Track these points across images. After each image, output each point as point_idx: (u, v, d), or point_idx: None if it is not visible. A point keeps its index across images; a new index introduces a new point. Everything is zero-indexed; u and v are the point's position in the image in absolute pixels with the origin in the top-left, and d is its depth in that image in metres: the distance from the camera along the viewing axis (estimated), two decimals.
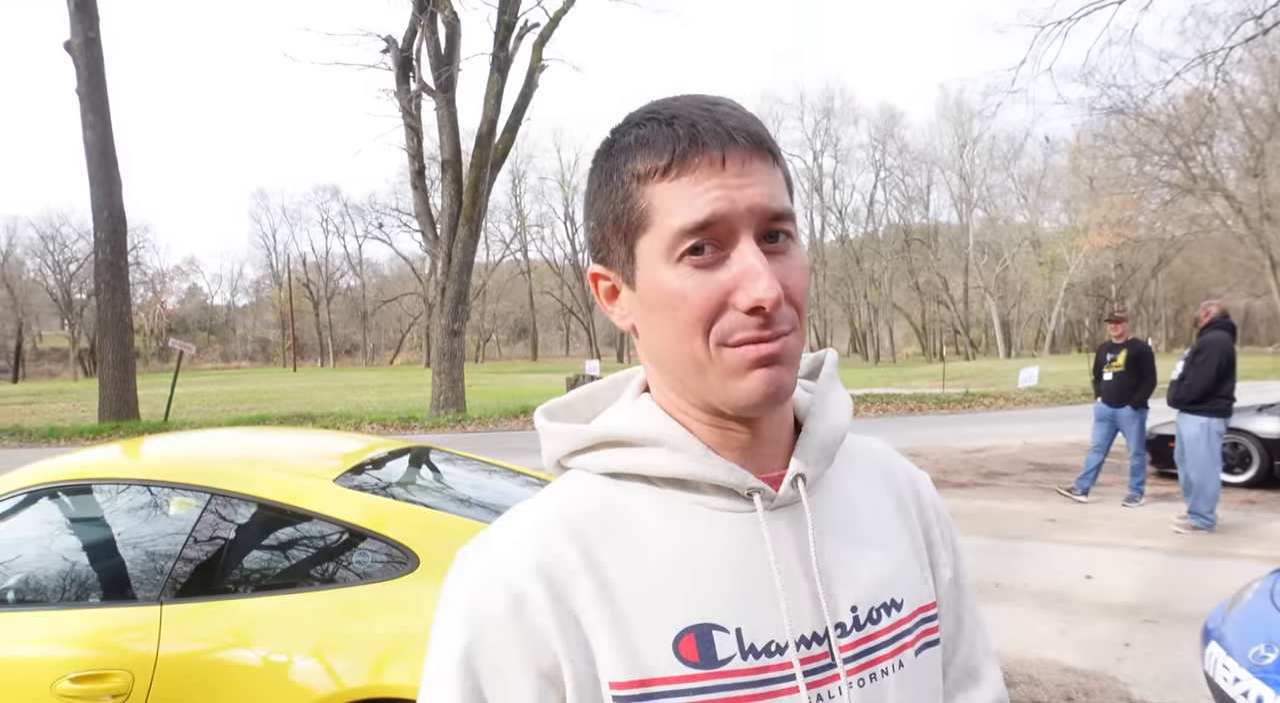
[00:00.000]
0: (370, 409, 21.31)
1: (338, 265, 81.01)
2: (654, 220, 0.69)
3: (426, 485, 3.77)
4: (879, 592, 0.78)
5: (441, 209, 19.25)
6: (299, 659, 2.43)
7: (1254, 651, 2.82)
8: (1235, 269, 46.66)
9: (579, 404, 0.86)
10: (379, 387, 33.98)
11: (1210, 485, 7.02)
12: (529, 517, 0.75)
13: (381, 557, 2.68)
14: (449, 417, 17.97)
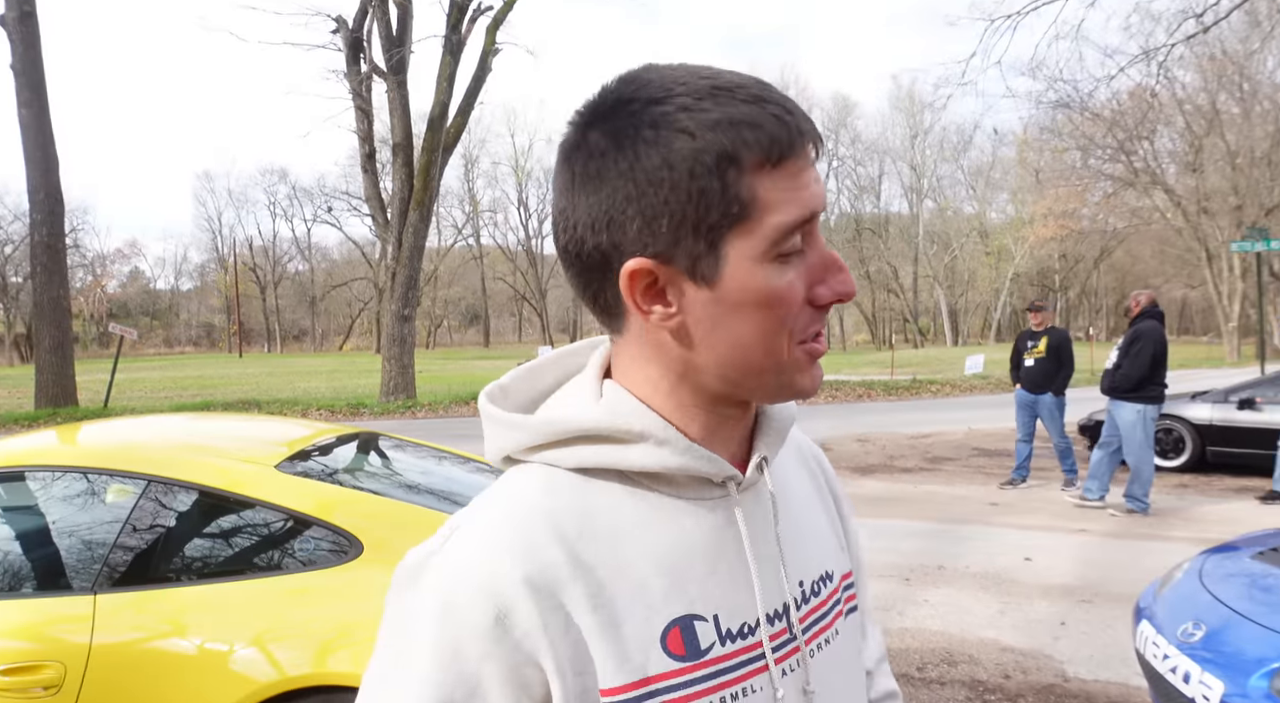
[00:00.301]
0: (318, 395, 21.02)
1: (285, 249, 79.63)
2: (754, 215, 0.63)
3: (374, 472, 3.73)
4: (817, 565, 0.81)
5: (392, 193, 19.01)
6: (239, 648, 2.40)
7: (1182, 629, 2.91)
8: (1173, 261, 47.94)
9: (516, 386, 0.79)
10: (328, 373, 33.51)
11: (1146, 470, 7.24)
12: (507, 516, 0.68)
13: (325, 544, 2.65)
14: (399, 403, 17.80)
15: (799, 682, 0.74)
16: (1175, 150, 39.89)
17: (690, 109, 0.62)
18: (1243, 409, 8.92)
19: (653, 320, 0.67)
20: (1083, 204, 46.61)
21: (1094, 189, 43.49)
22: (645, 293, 0.66)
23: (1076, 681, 3.91)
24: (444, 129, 18.43)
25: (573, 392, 0.76)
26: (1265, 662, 2.56)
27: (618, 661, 0.65)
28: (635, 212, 0.64)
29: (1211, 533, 6.27)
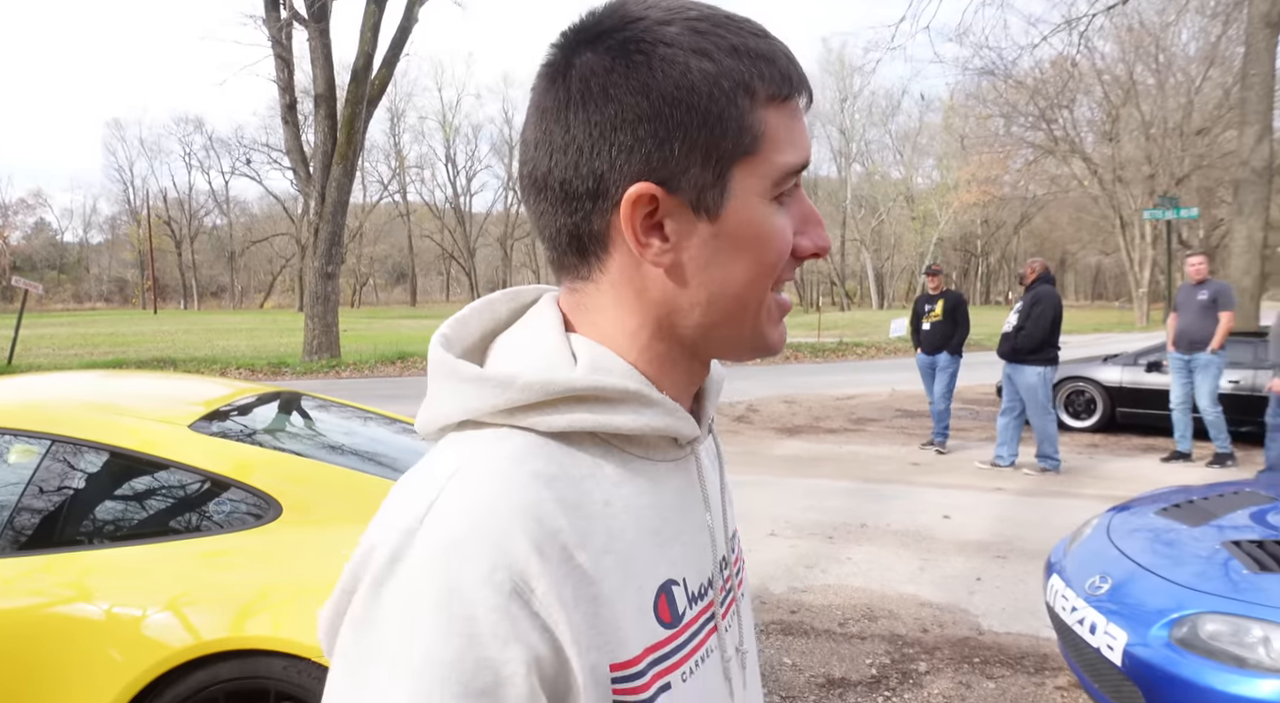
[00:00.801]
0: (238, 354, 20.44)
1: (202, 203, 76.90)
2: (762, 149, 0.62)
3: (296, 433, 3.64)
4: (732, 523, 0.82)
5: (314, 146, 18.44)
6: (152, 613, 2.32)
7: (1090, 582, 3.03)
8: (1089, 228, 49.52)
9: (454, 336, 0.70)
10: (248, 331, 32.62)
11: (1050, 429, 7.56)
12: (502, 485, 0.59)
13: (243, 506, 2.58)
14: (322, 362, 17.43)
15: (734, 639, 0.75)
16: (1093, 119, 41.04)
17: (704, 33, 0.61)
18: (1150, 372, 9.29)
19: (649, 255, 0.63)
20: (1005, 171, 47.75)
21: (1016, 156, 44.56)
22: (646, 223, 0.62)
23: (990, 633, 4.05)
24: (369, 81, 17.88)
25: (533, 351, 0.67)
26: (1165, 613, 2.68)
27: (625, 633, 0.60)
28: (647, 132, 0.60)
29: (1120, 491, 6.54)
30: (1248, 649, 2.45)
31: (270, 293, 78.54)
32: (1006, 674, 3.62)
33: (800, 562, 5.09)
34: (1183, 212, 14.61)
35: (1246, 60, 14.36)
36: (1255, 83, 13.96)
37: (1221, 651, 2.49)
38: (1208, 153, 35.18)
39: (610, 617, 0.60)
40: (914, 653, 3.83)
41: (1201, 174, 36.22)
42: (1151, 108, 37.09)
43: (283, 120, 19.70)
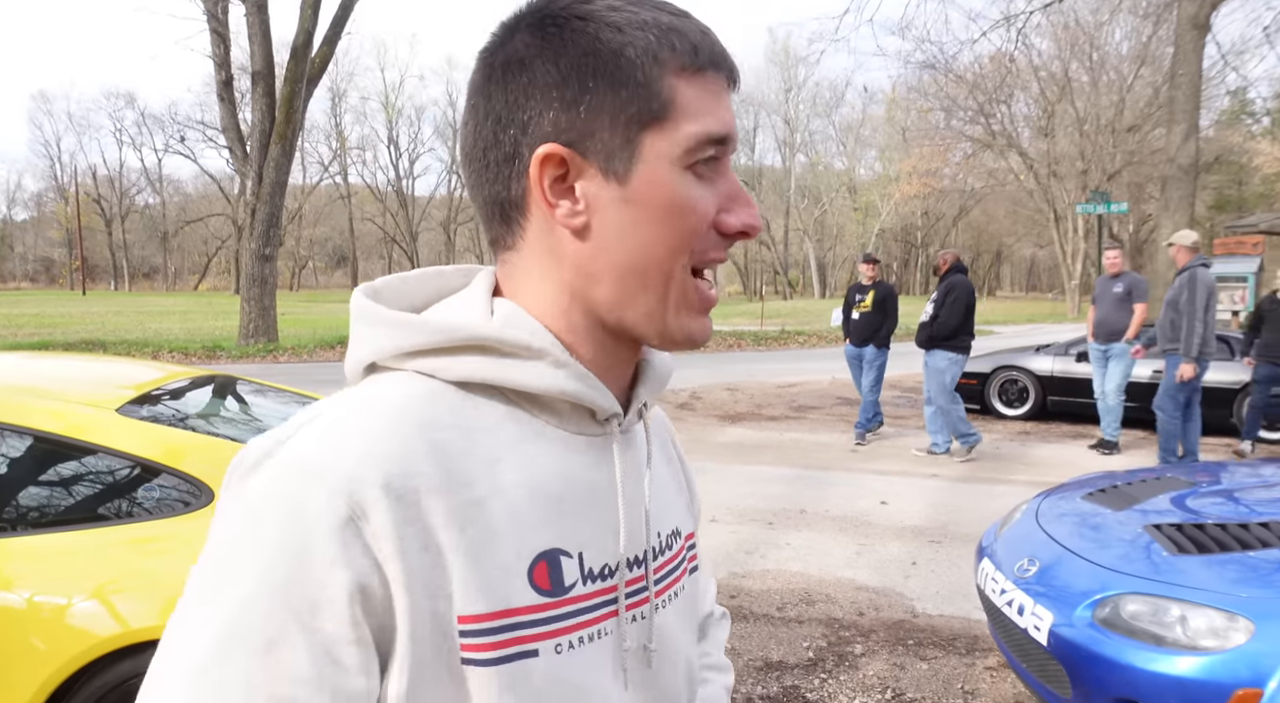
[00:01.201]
0: (171, 337, 19.94)
1: (134, 181, 74.61)
2: (672, 116, 0.64)
3: (230, 417, 3.57)
4: (670, 520, 0.81)
5: (252, 124, 17.98)
6: (78, 601, 2.26)
7: (1019, 565, 3.11)
8: (1024, 221, 50.64)
9: (388, 292, 0.73)
10: (181, 313, 31.81)
11: (954, 414, 7.68)
12: (372, 417, 0.61)
13: (174, 492, 2.52)
14: (259, 346, 17.08)
15: (643, 633, 0.73)
16: (1030, 115, 41.94)
17: (618, 9, 0.64)
18: (1080, 361, 9.55)
19: (558, 215, 0.65)
20: (945, 164, 48.59)
21: (955, 149, 45.40)
22: (554, 185, 0.65)
23: (924, 616, 4.15)
24: (308, 59, 17.49)
25: (459, 304, 0.71)
26: (1090, 594, 2.77)
27: (481, 587, 0.61)
28: (555, 97, 0.64)
29: (1050, 477, 6.73)
30: (1166, 628, 2.55)
31: (205, 275, 76.64)
32: (939, 656, 3.71)
33: (740, 548, 5.15)
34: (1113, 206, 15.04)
35: (1175, 60, 14.80)
36: (1183, 82, 14.39)
37: (1142, 630, 2.58)
38: (1138, 150, 36.23)
39: (467, 568, 0.60)
40: (850, 636, 3.91)
41: (1132, 170, 37.27)
42: (1085, 105, 38.03)
43: (218, 97, 19.16)
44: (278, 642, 0.55)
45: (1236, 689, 2.35)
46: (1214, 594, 2.58)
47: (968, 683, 3.47)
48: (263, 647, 0.55)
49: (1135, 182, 38.02)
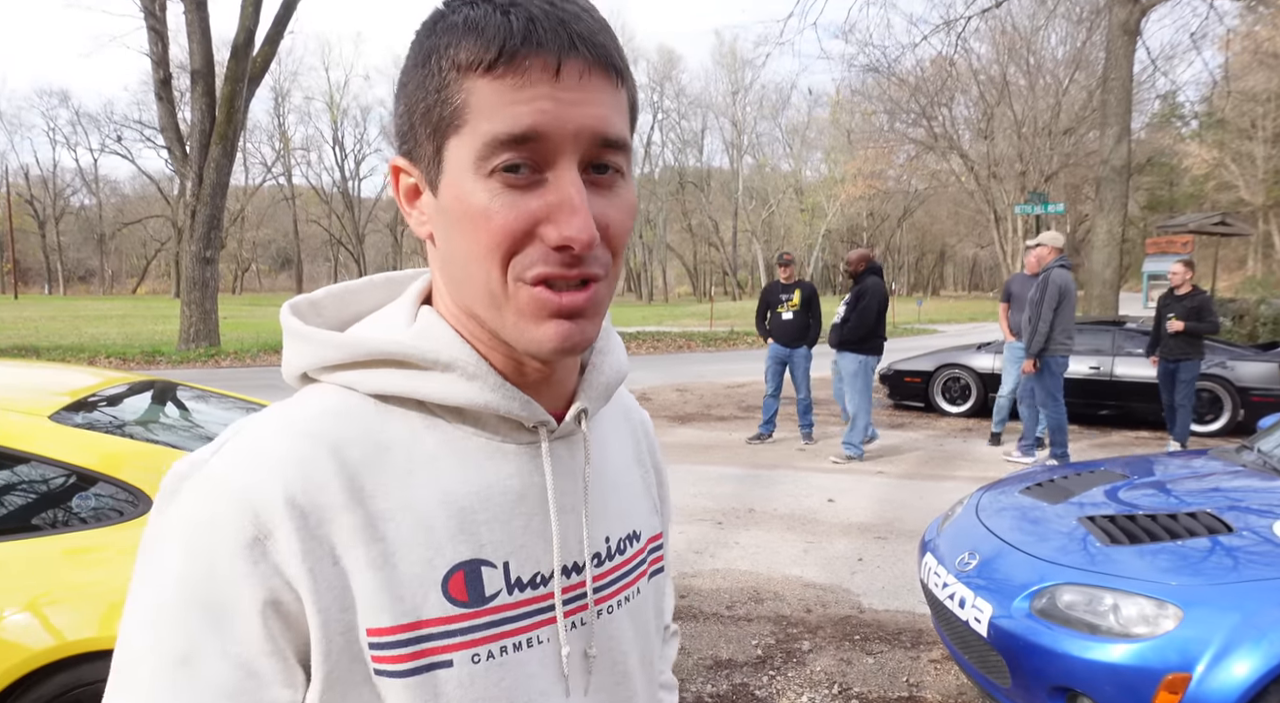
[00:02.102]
0: (108, 342, 19.42)
1: (69, 181, 72.47)
2: (468, 121, 0.60)
3: (170, 424, 3.49)
4: (625, 523, 0.80)
5: (192, 124, 17.58)
6: (11, 614, 2.20)
7: (960, 559, 3.18)
8: (966, 221, 51.61)
9: (329, 303, 0.75)
10: (119, 317, 30.98)
11: (863, 418, 7.65)
12: (280, 436, 0.63)
13: (110, 500, 2.46)
14: (200, 351, 16.72)
15: (584, 640, 0.73)
16: (970, 118, 42.75)
17: (452, 13, 0.61)
18: None
19: (411, 223, 0.68)
20: (889, 165, 49.35)
21: (899, 151, 46.14)
22: (408, 195, 0.67)
23: (870, 611, 4.22)
24: (250, 57, 17.17)
25: (386, 314, 0.72)
26: (1028, 585, 2.84)
27: (389, 600, 0.62)
28: (402, 109, 0.65)
29: (991, 472, 6.88)
30: (1100, 617, 2.63)
31: (144, 278, 74.75)
32: (885, 650, 3.77)
33: (690, 547, 5.18)
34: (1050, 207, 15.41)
35: (1107, 65, 15.21)
36: (1115, 87, 14.80)
37: (1077, 619, 2.66)
38: (1074, 152, 37.16)
39: (374, 582, 0.61)
40: (798, 633, 3.95)
41: (1068, 172, 38.22)
42: (1023, 108, 38.88)
43: (157, 96, 18.68)
44: (193, 657, 0.58)
45: (1166, 674, 2.43)
46: (1145, 583, 2.67)
47: (912, 676, 3.54)
48: (179, 661, 0.59)
49: (1072, 183, 39.00)
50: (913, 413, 10.54)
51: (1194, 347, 7.72)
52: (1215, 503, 3.21)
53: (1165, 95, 37.66)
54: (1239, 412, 8.64)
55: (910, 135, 42.70)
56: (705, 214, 66.09)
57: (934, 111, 40.02)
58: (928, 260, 77.75)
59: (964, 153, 40.91)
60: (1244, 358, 8.93)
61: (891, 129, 43.46)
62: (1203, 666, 2.40)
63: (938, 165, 44.44)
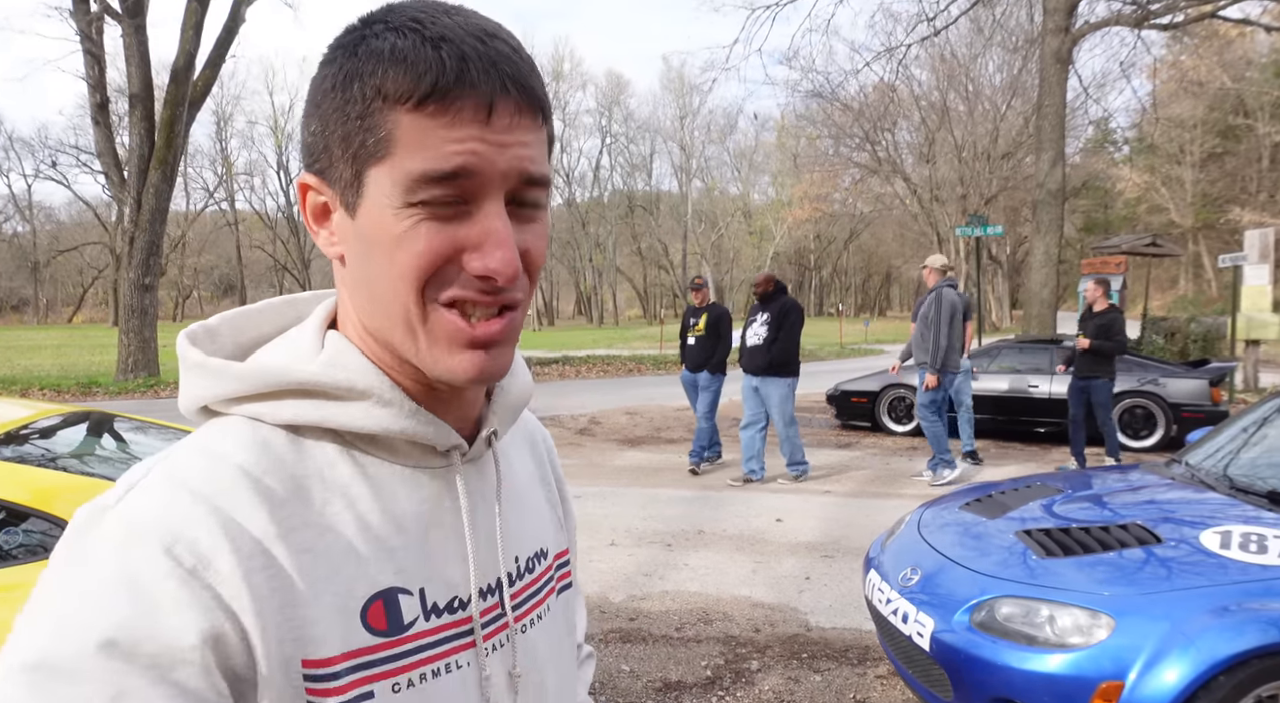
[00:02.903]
0: (42, 373, 18.88)
1: (1, 208, 70.47)
2: (393, 153, 0.59)
3: (107, 456, 3.42)
4: (533, 541, 0.80)
5: (130, 149, 17.23)
6: None
7: (902, 574, 3.23)
8: (910, 244, 52.55)
9: (225, 330, 0.73)
10: (54, 348, 30.14)
11: (797, 438, 7.65)
12: (200, 470, 0.60)
13: (40, 536, 2.40)
14: (139, 381, 16.31)
15: (506, 661, 0.73)
16: (913, 142, 43.75)
17: (375, 37, 0.60)
18: None
19: (320, 243, 0.66)
20: (835, 189, 50.25)
21: (844, 175, 47.00)
22: (315, 213, 0.66)
23: (817, 629, 4.25)
24: (190, 82, 16.91)
25: (291, 340, 0.71)
26: (968, 599, 2.89)
27: (319, 631, 0.61)
28: (316, 127, 0.63)
29: (934, 489, 6.99)
30: (1037, 628, 2.68)
31: (80, 307, 72.85)
32: (832, 667, 3.80)
33: (639, 570, 5.17)
34: (990, 229, 15.80)
35: (1041, 92, 15.69)
36: (1049, 113, 15.26)
37: (1015, 631, 2.72)
38: (1012, 175, 38.20)
39: (305, 614, 0.60)
40: (747, 653, 3.97)
41: (1007, 195, 39.25)
42: (963, 133, 39.90)
43: (93, 121, 18.30)
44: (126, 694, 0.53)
45: (1100, 682, 2.49)
46: (1080, 594, 2.73)
47: (859, 692, 3.57)
48: None
49: (1011, 206, 40.05)
50: (859, 432, 10.68)
51: (1102, 365, 7.79)
52: (1147, 515, 3.30)
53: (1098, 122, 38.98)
54: (1171, 427, 8.89)
55: (855, 160, 43.56)
56: (655, 238, 66.49)
57: (877, 136, 40.89)
58: (874, 282, 78.96)
59: (907, 177, 41.83)
60: (1175, 375, 9.21)
61: (836, 153, 44.32)
62: (1135, 673, 2.47)
63: (882, 189, 45.36)
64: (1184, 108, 34.93)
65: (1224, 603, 2.56)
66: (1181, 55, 28.51)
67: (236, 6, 17.43)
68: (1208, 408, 8.80)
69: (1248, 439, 4.00)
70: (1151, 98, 25.78)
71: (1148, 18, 16.10)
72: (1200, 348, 15.07)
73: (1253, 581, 2.65)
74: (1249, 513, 3.16)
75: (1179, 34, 19.68)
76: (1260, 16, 18.67)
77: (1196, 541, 2.96)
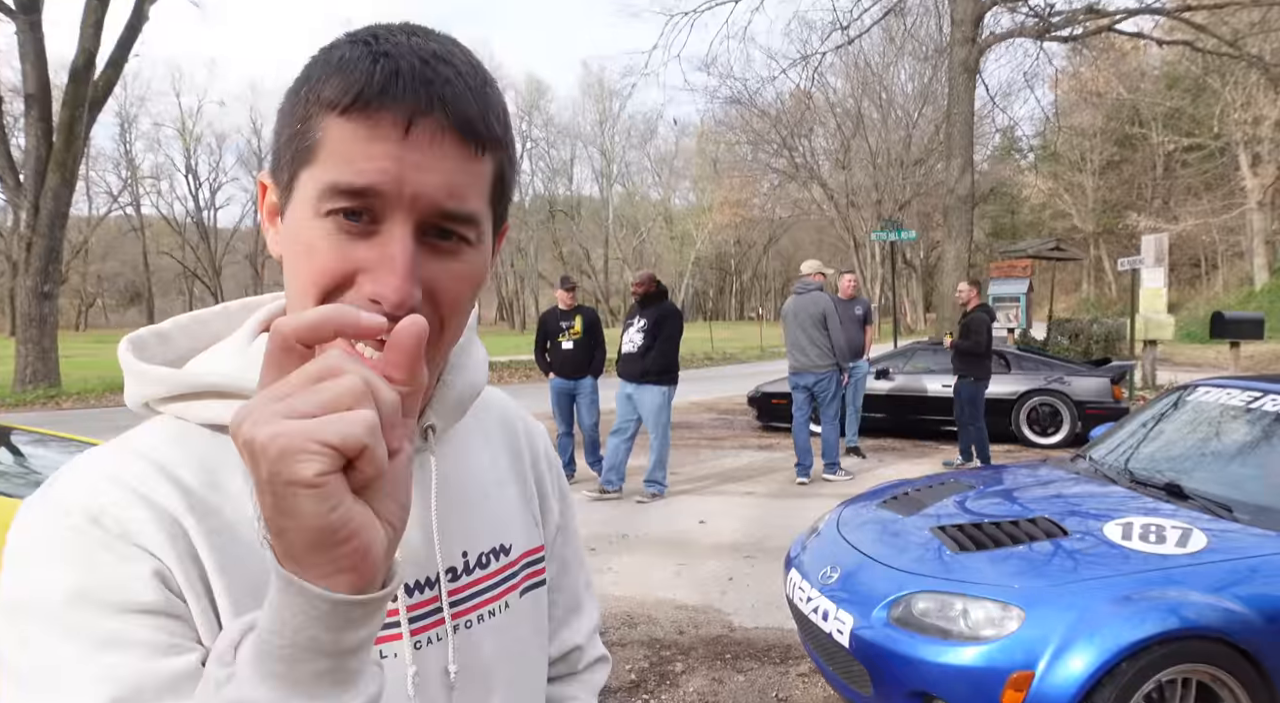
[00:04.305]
0: None
1: None
2: (319, 158, 0.60)
3: (4, 470, 3.27)
4: (489, 537, 0.80)
5: (26, 151, 16.46)
6: None
7: (822, 572, 3.28)
8: (828, 248, 53.58)
9: (177, 335, 0.76)
10: None
11: (665, 453, 7.19)
12: (110, 463, 0.64)
13: None
14: (38, 392, 15.58)
15: (440, 657, 0.73)
16: (829, 149, 44.63)
17: (335, 48, 0.62)
18: (880, 379, 10.19)
19: (269, 240, 0.69)
20: (754, 194, 50.91)
21: (763, 180, 47.71)
22: (269, 214, 0.68)
23: (740, 630, 4.28)
24: (90, 82, 16.23)
25: (225, 345, 0.74)
26: (886, 596, 2.95)
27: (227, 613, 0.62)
28: (275, 130, 0.65)
29: (853, 488, 7.12)
30: (951, 622, 2.75)
31: None
32: (755, 667, 3.83)
33: None
34: (904, 234, 16.22)
35: (950, 100, 16.18)
36: (958, 121, 15.74)
37: (931, 625, 2.78)
38: (924, 181, 39.31)
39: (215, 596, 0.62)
40: (671, 655, 3.98)
41: (920, 200, 40.36)
42: (877, 140, 40.91)
43: None
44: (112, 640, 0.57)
45: (1012, 673, 2.56)
46: (991, 587, 2.81)
47: (781, 691, 3.61)
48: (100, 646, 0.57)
49: (924, 211, 41.16)
50: (780, 434, 10.82)
51: (968, 365, 7.98)
52: (1055, 509, 3.42)
53: (1004, 130, 40.34)
54: (1076, 424, 9.24)
55: (773, 165, 44.23)
56: (577, 242, 66.40)
57: (794, 142, 41.61)
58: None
59: (824, 182, 42.65)
60: (1079, 374, 9.57)
61: (755, 159, 44.96)
62: (1044, 663, 2.55)
63: (800, 194, 46.15)
64: (1084, 117, 36.44)
65: (1126, 593, 2.66)
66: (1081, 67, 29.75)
67: (140, 4, 16.81)
68: (1110, 405, 9.16)
69: (1146, 434, 4.18)
70: (1054, 107, 26.82)
71: (1049, 30, 16.76)
72: (1102, 348, 15.70)
73: (1152, 570, 2.76)
74: (1148, 505, 3.30)
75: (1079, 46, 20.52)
76: (1153, 31, 19.60)
77: (1100, 532, 3.07)
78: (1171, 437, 4.07)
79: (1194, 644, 2.58)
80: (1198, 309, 31.37)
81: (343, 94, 0.59)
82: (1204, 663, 2.60)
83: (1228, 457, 3.73)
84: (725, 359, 25.79)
